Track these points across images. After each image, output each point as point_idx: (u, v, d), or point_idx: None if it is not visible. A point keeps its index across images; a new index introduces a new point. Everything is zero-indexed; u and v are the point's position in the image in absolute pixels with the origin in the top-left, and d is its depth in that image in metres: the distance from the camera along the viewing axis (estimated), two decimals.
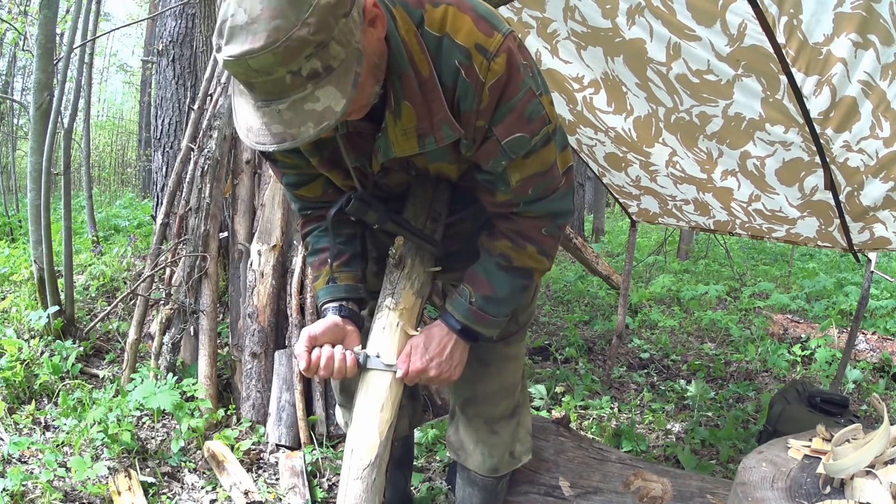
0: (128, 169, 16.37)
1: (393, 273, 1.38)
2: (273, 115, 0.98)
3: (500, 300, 1.36)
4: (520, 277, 1.36)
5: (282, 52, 0.91)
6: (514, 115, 1.16)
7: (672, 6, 1.87)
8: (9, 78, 9.00)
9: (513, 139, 1.18)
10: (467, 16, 1.11)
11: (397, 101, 1.14)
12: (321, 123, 0.98)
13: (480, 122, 1.17)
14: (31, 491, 2.05)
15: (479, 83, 1.11)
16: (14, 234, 5.97)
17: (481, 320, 1.36)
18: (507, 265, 1.34)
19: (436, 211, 1.42)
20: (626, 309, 3.85)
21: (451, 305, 1.37)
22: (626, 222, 5.56)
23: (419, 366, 1.31)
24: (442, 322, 1.37)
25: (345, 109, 0.99)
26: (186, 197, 3.00)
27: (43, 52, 2.78)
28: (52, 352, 2.89)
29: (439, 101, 1.13)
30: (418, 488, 2.34)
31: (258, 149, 1.02)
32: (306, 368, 1.28)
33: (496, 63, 1.10)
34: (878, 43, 1.64)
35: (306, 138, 0.99)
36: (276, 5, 0.91)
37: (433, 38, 1.11)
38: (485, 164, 1.24)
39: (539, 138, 1.21)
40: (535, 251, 1.34)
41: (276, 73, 0.93)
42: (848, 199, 2.29)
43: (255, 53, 0.91)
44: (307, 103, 0.97)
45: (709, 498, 1.85)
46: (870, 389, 3.67)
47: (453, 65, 1.11)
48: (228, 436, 2.47)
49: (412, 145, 1.19)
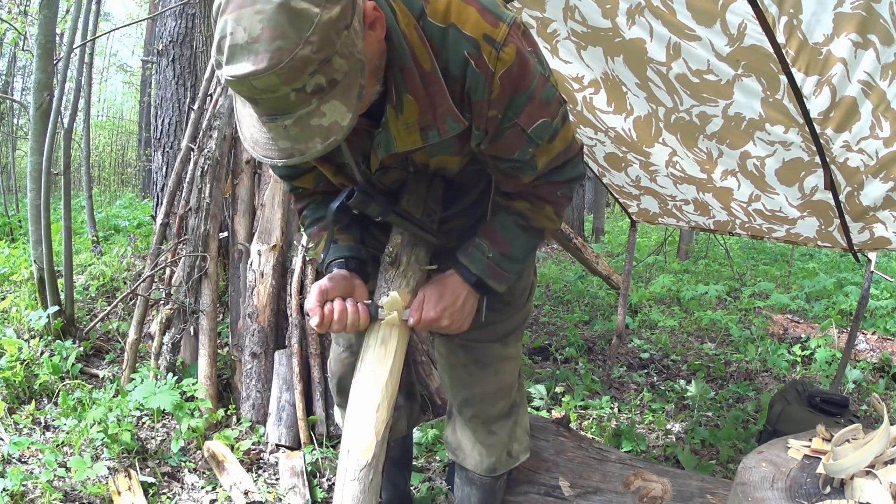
0: (128, 169, 16.36)
1: (388, 271, 1.38)
2: (279, 130, 0.98)
3: (514, 257, 1.39)
4: (534, 236, 1.40)
5: (286, 73, 0.90)
6: (533, 102, 1.17)
7: (672, 6, 1.87)
8: (9, 78, 9.00)
9: (537, 126, 1.20)
10: (472, 6, 1.11)
11: (398, 95, 1.14)
12: (328, 139, 0.99)
13: (493, 112, 1.17)
14: (31, 491, 2.05)
15: (489, 73, 1.11)
16: (14, 234, 5.96)
17: (496, 275, 1.38)
18: (526, 224, 1.37)
19: (430, 207, 1.43)
20: (626, 309, 3.85)
21: (468, 259, 1.37)
22: (626, 222, 5.56)
23: (432, 314, 1.33)
24: (456, 273, 1.38)
25: (351, 124, 1.00)
26: (186, 197, 3.00)
27: (43, 52, 2.78)
28: (52, 352, 2.89)
29: (442, 93, 1.13)
30: (418, 488, 2.34)
31: (266, 162, 1.02)
32: (319, 323, 1.27)
33: (505, 52, 1.10)
34: (878, 43, 1.64)
35: (314, 153, 0.99)
36: (277, 25, 0.89)
37: (437, 29, 1.11)
38: (510, 154, 1.25)
39: (559, 119, 1.24)
40: (552, 211, 1.38)
41: (280, 91, 0.93)
42: (848, 199, 2.29)
43: (258, 75, 0.90)
44: (313, 118, 0.97)
45: (709, 498, 1.85)
46: (870, 389, 3.66)
47: (462, 55, 1.11)
48: (228, 436, 2.47)
49: (415, 139, 1.19)
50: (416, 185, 1.42)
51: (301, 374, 2.59)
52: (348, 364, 1.74)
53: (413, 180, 1.42)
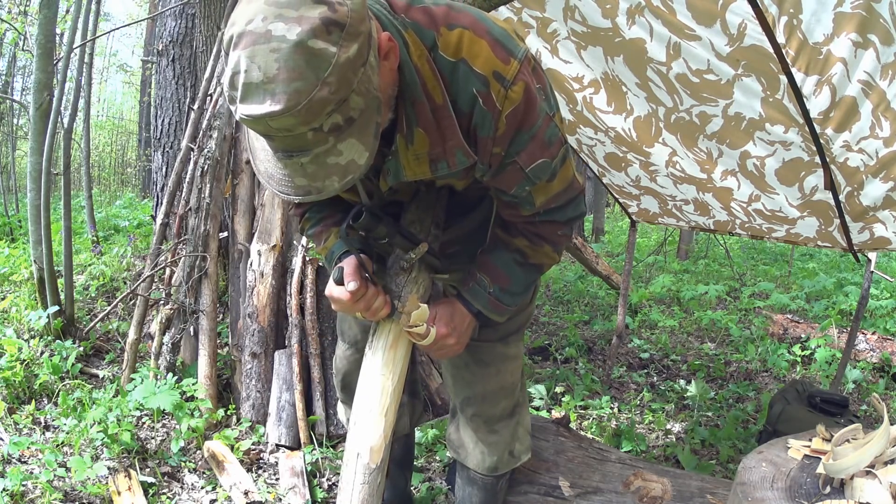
0: (128, 169, 16.36)
1: (399, 276, 1.38)
2: (296, 167, 0.97)
3: (514, 292, 1.42)
4: (533, 272, 1.43)
5: (303, 114, 0.89)
6: (535, 142, 1.17)
7: (672, 6, 1.87)
8: (9, 78, 8.99)
9: (536, 166, 1.20)
10: (483, 40, 1.10)
11: (409, 127, 1.13)
12: (346, 177, 0.99)
13: (497, 149, 1.17)
14: (31, 491, 2.05)
15: (496, 111, 1.11)
16: (14, 234, 5.96)
17: (497, 309, 1.43)
18: (524, 261, 1.40)
19: (438, 216, 1.44)
20: (626, 309, 3.85)
21: (470, 294, 1.41)
22: (626, 222, 5.56)
23: (444, 330, 1.37)
24: (461, 304, 1.42)
25: (368, 162, 0.99)
26: (186, 197, 3.00)
27: (43, 52, 2.78)
28: (52, 352, 2.89)
29: (452, 127, 1.13)
30: (418, 488, 2.34)
31: (282, 198, 1.02)
32: (354, 292, 1.26)
33: (513, 91, 1.10)
34: (878, 43, 1.64)
35: (332, 192, 0.99)
36: (295, 66, 0.87)
37: (448, 63, 1.10)
38: (508, 189, 1.26)
39: (558, 159, 1.24)
40: (550, 249, 1.41)
41: (297, 130, 0.92)
42: (848, 198, 2.29)
43: (275, 116, 0.88)
44: (330, 157, 0.97)
45: (709, 498, 1.85)
46: (870, 389, 3.67)
47: (471, 92, 1.10)
48: (228, 436, 2.47)
49: (424, 170, 1.19)
50: (423, 199, 1.42)
51: (301, 374, 2.59)
52: (353, 361, 1.75)
53: (418, 200, 1.42)
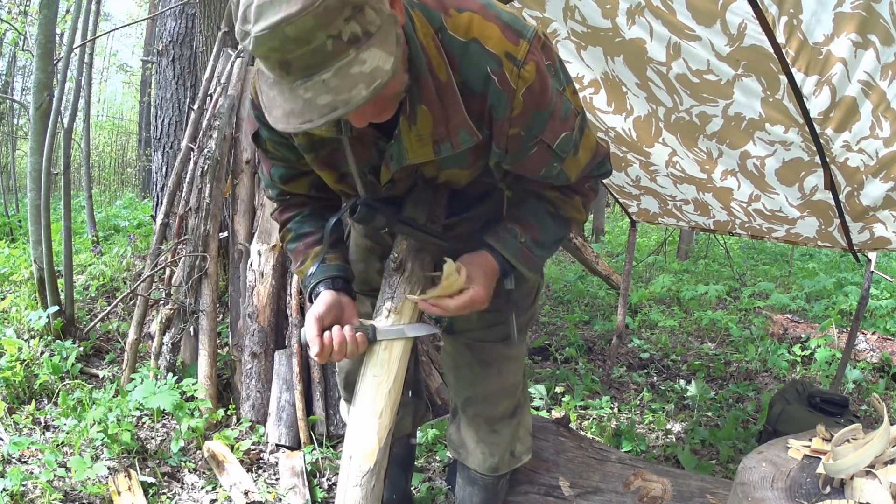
0: (128, 169, 16.35)
1: (392, 277, 1.37)
2: (318, 86, 0.92)
3: (544, 243, 1.39)
4: (563, 227, 1.42)
5: (322, 13, 0.86)
6: (554, 119, 1.18)
7: (672, 6, 1.87)
8: (9, 78, 8.99)
9: (561, 141, 1.22)
10: (493, 24, 1.10)
11: (412, 105, 1.13)
12: (373, 83, 0.93)
13: (514, 130, 1.17)
14: (31, 491, 2.05)
15: (511, 90, 1.11)
16: (14, 234, 5.96)
17: (527, 260, 1.37)
18: (555, 212, 1.39)
19: (434, 214, 1.42)
20: (625, 309, 3.85)
21: (500, 243, 1.35)
22: (626, 222, 5.56)
23: (483, 293, 1.30)
24: (490, 256, 1.35)
25: (394, 67, 0.95)
26: (186, 197, 3.00)
27: (43, 52, 2.78)
28: (52, 352, 2.89)
29: (457, 105, 1.12)
30: (418, 488, 2.34)
31: (304, 129, 0.95)
32: (319, 353, 1.25)
33: (526, 70, 1.10)
34: (878, 43, 1.64)
35: (360, 101, 0.93)
36: None
37: (458, 43, 1.10)
38: (536, 173, 1.27)
39: (577, 131, 1.25)
40: (580, 202, 1.40)
41: (316, 39, 0.88)
42: (848, 198, 2.29)
43: (293, 18, 0.86)
44: (353, 67, 0.92)
45: (709, 498, 1.85)
46: (870, 389, 3.67)
47: (484, 71, 1.10)
48: (228, 436, 2.47)
49: (427, 151, 1.18)
50: (420, 191, 1.42)
51: (301, 374, 2.59)
52: (356, 360, 1.74)
53: (418, 189, 1.41)
